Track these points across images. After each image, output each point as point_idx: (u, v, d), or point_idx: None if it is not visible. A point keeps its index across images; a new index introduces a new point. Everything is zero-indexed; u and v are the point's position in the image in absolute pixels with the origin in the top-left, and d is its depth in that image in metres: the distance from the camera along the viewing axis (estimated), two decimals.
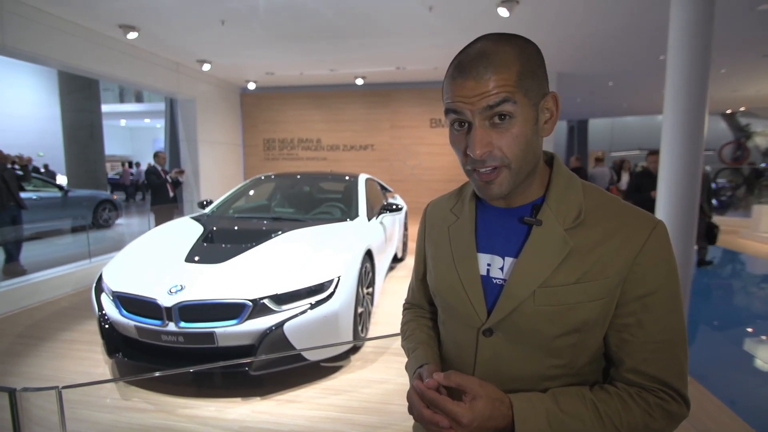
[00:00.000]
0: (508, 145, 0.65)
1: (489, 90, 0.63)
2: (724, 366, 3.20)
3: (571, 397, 0.67)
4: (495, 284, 0.73)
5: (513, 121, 0.64)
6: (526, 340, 0.70)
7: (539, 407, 0.65)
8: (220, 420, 2.34)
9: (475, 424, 0.63)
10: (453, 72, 0.67)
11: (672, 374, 0.67)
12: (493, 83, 0.63)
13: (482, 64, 0.63)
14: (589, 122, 18.49)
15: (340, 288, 2.75)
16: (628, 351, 0.68)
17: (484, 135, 0.65)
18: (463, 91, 0.64)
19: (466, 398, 0.65)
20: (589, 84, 9.46)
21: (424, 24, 5.60)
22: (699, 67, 2.57)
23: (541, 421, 0.64)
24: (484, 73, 0.63)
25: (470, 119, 0.65)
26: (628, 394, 0.67)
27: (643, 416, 0.65)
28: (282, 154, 10.29)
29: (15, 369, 2.95)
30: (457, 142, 0.69)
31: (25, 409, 1.43)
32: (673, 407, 0.66)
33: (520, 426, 0.64)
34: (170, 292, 2.51)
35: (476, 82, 0.63)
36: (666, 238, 0.68)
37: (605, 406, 0.65)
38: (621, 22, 5.44)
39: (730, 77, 8.76)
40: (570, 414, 0.65)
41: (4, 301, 4.07)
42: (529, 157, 0.67)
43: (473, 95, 0.63)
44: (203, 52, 7.06)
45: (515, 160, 0.66)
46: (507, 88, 0.63)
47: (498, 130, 0.65)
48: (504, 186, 0.68)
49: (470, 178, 0.71)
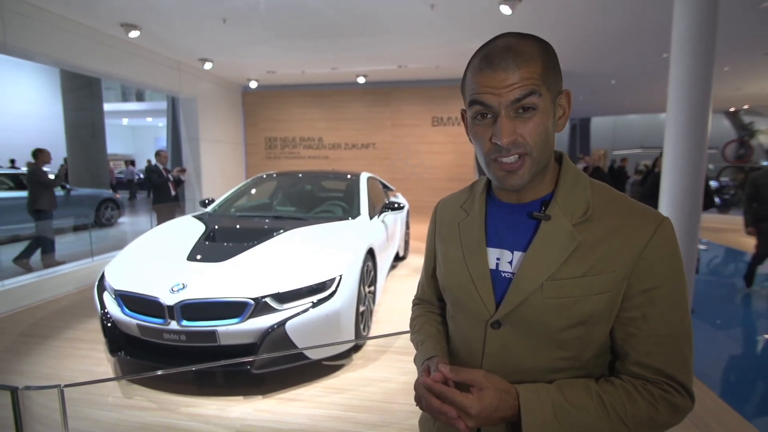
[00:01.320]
0: (531, 134, 0.67)
1: (517, 82, 0.65)
2: (727, 365, 3.19)
3: (577, 388, 0.68)
4: (504, 278, 0.75)
5: (536, 112, 0.67)
6: (533, 332, 0.72)
7: (545, 398, 0.66)
8: (222, 418, 2.35)
9: (484, 414, 0.65)
10: (480, 64, 0.68)
11: (676, 367, 0.68)
12: (522, 75, 0.65)
13: (510, 56, 0.66)
14: (592, 120, 18.46)
15: (341, 286, 2.74)
16: (633, 344, 0.69)
17: (510, 124, 0.67)
18: (492, 82, 0.66)
19: (474, 390, 0.67)
20: (591, 82, 9.44)
21: (425, 22, 5.59)
22: (702, 65, 2.56)
23: (547, 411, 0.65)
24: (513, 65, 0.66)
25: (497, 110, 0.67)
26: (633, 387, 0.68)
27: (648, 408, 0.66)
28: (284, 153, 10.29)
29: (17, 367, 2.96)
30: (480, 132, 0.70)
31: (28, 407, 1.43)
32: (678, 400, 0.67)
33: (527, 416, 0.65)
34: (172, 290, 2.51)
35: (506, 74, 0.66)
36: (672, 234, 0.69)
37: (610, 397, 0.67)
38: (624, 20, 5.42)
39: (734, 75, 8.72)
40: (576, 405, 0.66)
41: (7, 300, 4.08)
42: (548, 148, 0.70)
43: (502, 86, 0.66)
44: (205, 50, 7.06)
45: (536, 148, 0.68)
46: (534, 81, 0.66)
47: (522, 119, 0.67)
48: (525, 176, 0.70)
49: (489, 170, 0.72)
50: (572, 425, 0.65)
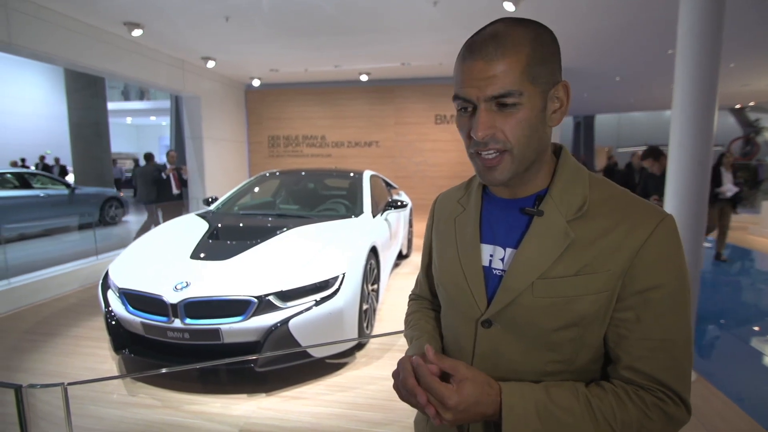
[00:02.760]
0: (511, 130, 0.64)
1: (497, 75, 0.62)
2: (733, 364, 3.17)
3: (564, 390, 0.65)
4: (495, 275, 0.73)
5: (519, 107, 0.63)
6: (524, 332, 0.69)
7: (529, 396, 0.64)
8: (225, 416, 2.35)
9: (462, 407, 0.62)
10: (464, 52, 0.66)
11: (671, 376, 0.64)
12: (503, 67, 0.62)
13: (492, 44, 0.63)
14: (596, 118, 18.35)
15: (344, 285, 2.74)
16: (624, 347, 0.65)
17: (488, 118, 0.64)
18: (472, 72, 0.63)
19: (454, 380, 0.64)
20: (595, 79, 9.37)
21: (428, 19, 5.57)
22: (708, 61, 2.53)
23: (530, 409, 0.63)
24: (494, 54, 0.62)
25: (475, 102, 0.64)
26: (624, 392, 0.64)
27: (639, 415, 0.63)
28: (287, 151, 10.30)
29: (22, 365, 2.98)
30: (462, 124, 0.68)
31: (32, 405, 1.44)
32: (672, 409, 0.63)
33: (508, 412, 0.62)
34: (176, 288, 2.52)
35: (485, 64, 0.62)
36: (674, 232, 0.65)
37: (599, 401, 0.63)
38: (628, 16, 5.38)
39: (740, 71, 8.64)
40: (560, 406, 0.63)
41: (12, 298, 4.11)
42: (533, 144, 0.66)
43: (481, 78, 0.63)
44: (208, 49, 7.06)
45: (518, 145, 0.65)
46: (515, 76, 0.62)
47: (503, 113, 0.64)
48: (505, 172, 0.67)
49: (473, 163, 0.70)
50: (555, 426, 0.62)
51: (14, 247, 6.14)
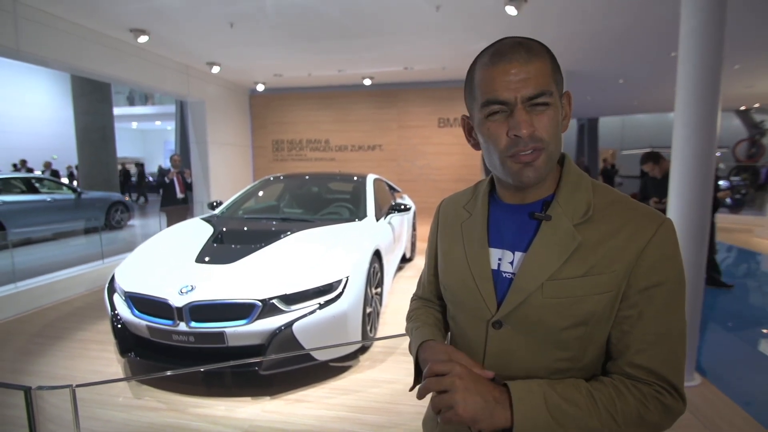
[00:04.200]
0: (545, 128, 0.68)
1: (531, 76, 0.66)
2: (737, 366, 3.15)
3: (567, 384, 0.68)
4: (505, 278, 0.76)
5: (550, 107, 0.68)
6: (534, 332, 0.72)
7: (536, 389, 0.66)
8: (230, 419, 2.36)
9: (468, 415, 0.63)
10: (492, 58, 0.69)
11: (667, 368, 0.67)
12: (535, 68, 0.67)
13: (522, 49, 0.67)
14: (600, 120, 18.30)
15: (348, 288, 2.75)
16: (626, 342, 0.69)
17: (528, 117, 0.67)
18: (506, 75, 0.67)
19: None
20: (599, 82, 9.36)
21: (431, 23, 5.59)
22: (711, 63, 2.53)
23: (539, 401, 0.64)
24: (526, 57, 0.67)
25: (513, 104, 0.67)
26: (623, 384, 0.68)
27: (638, 405, 0.66)
28: (291, 155, 10.34)
29: (30, 368, 3.01)
30: (495, 128, 0.70)
31: (40, 407, 1.46)
32: (669, 401, 0.67)
33: (518, 403, 0.64)
34: (181, 292, 2.54)
35: (520, 66, 0.66)
36: (673, 235, 0.69)
37: (600, 393, 0.66)
38: (630, 19, 5.38)
39: (745, 73, 8.60)
40: (566, 398, 0.65)
41: (20, 301, 4.14)
42: (559, 144, 0.71)
43: (517, 79, 0.66)
44: (212, 54, 7.12)
45: (552, 142, 0.69)
46: (546, 77, 0.67)
47: (536, 112, 0.68)
48: (541, 169, 0.69)
49: (504, 168, 0.71)
50: (563, 417, 0.64)
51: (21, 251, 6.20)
